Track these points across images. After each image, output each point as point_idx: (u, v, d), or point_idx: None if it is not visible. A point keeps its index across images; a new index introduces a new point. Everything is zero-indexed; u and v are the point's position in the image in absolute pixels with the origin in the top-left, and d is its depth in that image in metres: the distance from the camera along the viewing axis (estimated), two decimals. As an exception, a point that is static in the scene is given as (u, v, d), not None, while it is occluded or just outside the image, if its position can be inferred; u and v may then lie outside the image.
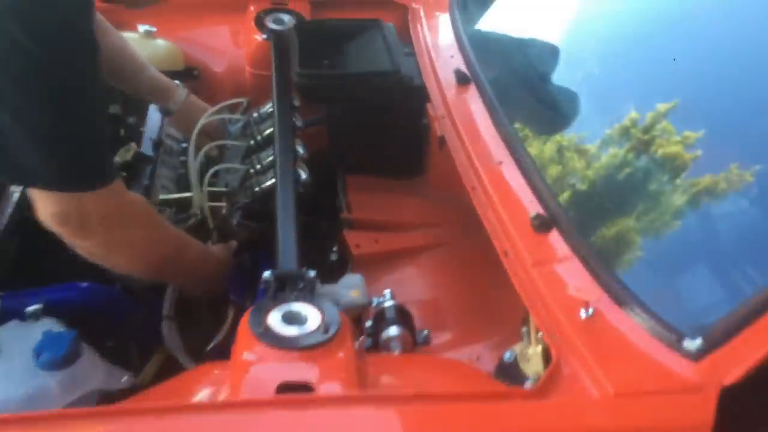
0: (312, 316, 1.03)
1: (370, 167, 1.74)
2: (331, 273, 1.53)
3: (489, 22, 1.87)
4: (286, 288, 1.10)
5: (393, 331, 1.23)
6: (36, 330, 1.05)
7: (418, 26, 1.84)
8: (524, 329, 1.12)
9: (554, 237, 1.13)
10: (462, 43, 1.66)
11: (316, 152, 1.73)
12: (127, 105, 1.88)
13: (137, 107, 1.89)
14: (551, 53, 1.64)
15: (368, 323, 1.26)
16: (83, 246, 1.06)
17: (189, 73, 1.89)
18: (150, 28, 1.84)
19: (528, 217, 1.15)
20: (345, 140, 1.69)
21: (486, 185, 1.26)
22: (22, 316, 1.09)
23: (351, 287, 1.35)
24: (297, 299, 1.06)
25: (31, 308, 1.08)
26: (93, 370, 1.02)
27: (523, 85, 1.57)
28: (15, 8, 0.87)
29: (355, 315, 1.34)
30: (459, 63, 1.59)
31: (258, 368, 0.95)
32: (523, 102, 1.52)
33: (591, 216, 1.20)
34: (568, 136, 1.41)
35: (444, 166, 1.65)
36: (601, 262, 1.05)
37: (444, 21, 1.82)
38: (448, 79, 1.55)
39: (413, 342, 1.25)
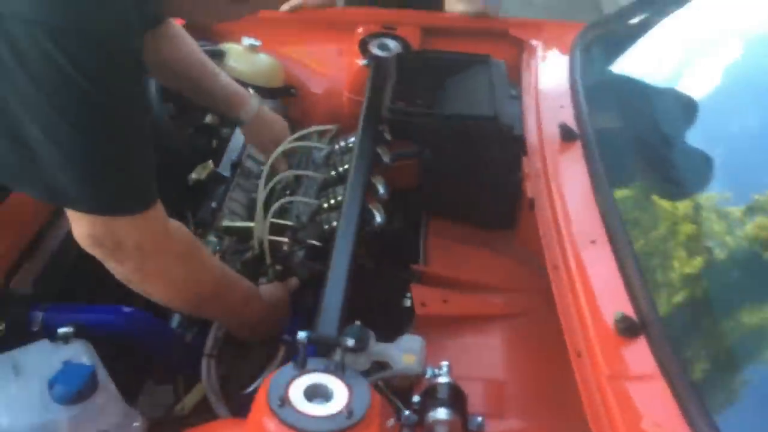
0: (338, 393, 0.92)
1: (457, 214, 1.60)
2: (400, 321, 1.42)
3: (615, 69, 1.69)
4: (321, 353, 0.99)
5: (441, 414, 1.09)
6: (61, 354, 1.01)
7: (531, 66, 1.68)
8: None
9: (640, 346, 0.95)
10: (576, 91, 1.49)
11: (405, 188, 1.63)
12: (223, 117, 1.86)
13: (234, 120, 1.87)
14: (686, 107, 1.43)
15: (416, 398, 1.13)
16: (119, 271, 1.00)
17: (286, 91, 1.84)
18: (255, 42, 1.80)
19: (612, 315, 0.98)
20: (433, 183, 1.57)
21: (570, 267, 1.09)
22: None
23: (407, 351, 1.22)
24: (327, 370, 0.95)
25: (63, 330, 1.04)
26: (107, 409, 0.96)
27: (642, 148, 1.38)
28: (50, 23, 0.81)
29: (406, 384, 1.22)
30: (568, 115, 1.43)
31: (265, 450, 0.85)
32: (637, 169, 1.33)
33: (692, 325, 1.00)
34: (684, 208, 1.21)
35: (533, 223, 1.49)
36: (697, 393, 0.86)
37: (561, 63, 1.65)
38: (552, 132, 1.39)
39: (463, 429, 1.11)
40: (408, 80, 1.59)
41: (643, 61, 1.60)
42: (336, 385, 0.92)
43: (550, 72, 1.62)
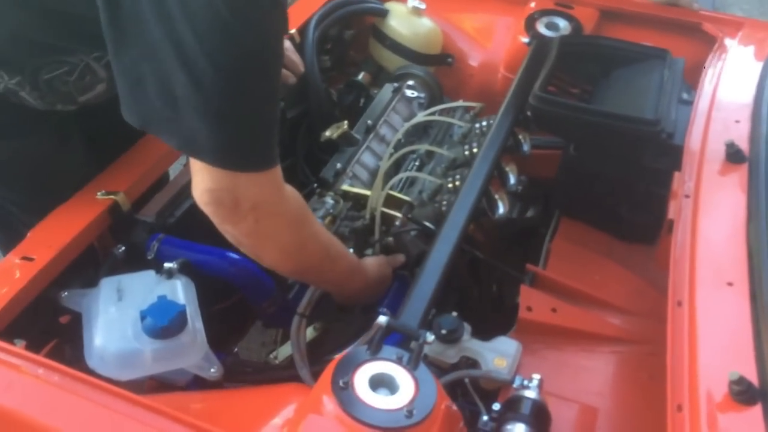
0: (404, 388, 0.88)
1: (593, 218, 1.48)
2: (508, 319, 1.35)
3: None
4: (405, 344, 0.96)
5: (519, 429, 1.02)
6: (162, 288, 1.06)
7: (716, 68, 1.48)
8: None
9: (754, 416, 0.81)
10: (759, 106, 1.29)
11: (544, 179, 1.52)
12: (376, 77, 1.84)
13: (386, 80, 1.85)
14: None
15: (496, 405, 1.07)
16: (233, 233, 1.02)
17: (442, 59, 1.78)
18: (419, 5, 1.75)
19: (728, 374, 0.84)
20: (572, 181, 1.45)
21: (696, 307, 0.95)
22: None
23: (500, 353, 1.16)
24: (399, 361, 0.91)
25: (168, 265, 1.09)
26: (189, 350, 1.00)
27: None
28: None
29: (491, 387, 1.16)
30: (742, 133, 1.24)
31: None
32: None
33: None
34: None
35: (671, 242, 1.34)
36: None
37: (753, 69, 1.44)
38: (717, 149, 1.22)
39: (539, 451, 1.03)
40: (568, 66, 1.47)
41: None
42: (404, 379, 0.88)
43: (737, 78, 1.42)
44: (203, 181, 0.96)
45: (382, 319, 0.97)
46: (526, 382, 1.09)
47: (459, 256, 1.10)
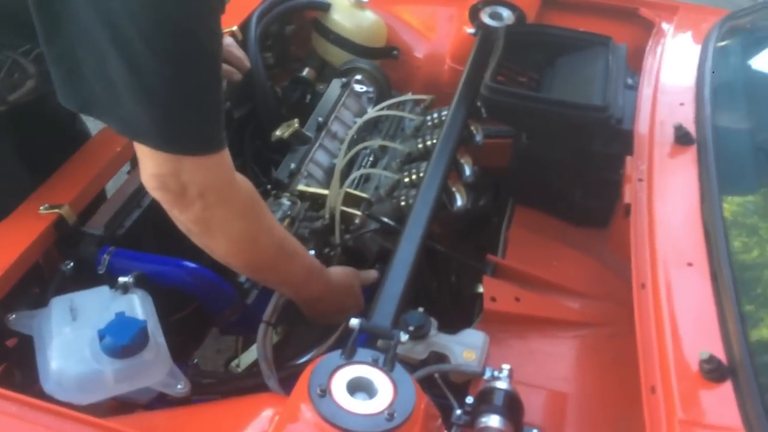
0: (383, 391, 0.86)
1: (546, 205, 1.49)
2: (472, 305, 1.35)
3: (751, 69, 1.50)
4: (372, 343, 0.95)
5: (494, 421, 1.02)
6: (118, 304, 1.01)
7: (657, 52, 1.52)
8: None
9: (725, 393, 0.84)
10: (701, 89, 1.33)
11: (495, 168, 1.53)
12: (321, 72, 1.81)
13: (331, 75, 1.82)
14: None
15: (469, 399, 1.07)
16: (181, 220, 0.98)
17: (387, 52, 1.77)
18: (362, -2, 1.73)
19: (698, 352, 0.87)
20: (524, 169, 1.46)
21: (659, 289, 0.97)
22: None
23: (468, 346, 1.16)
24: (375, 363, 0.90)
25: (123, 279, 1.04)
26: (153, 367, 0.96)
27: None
28: None
29: (462, 380, 1.16)
30: (688, 115, 1.28)
31: (297, 439, 0.82)
32: (755, 185, 1.18)
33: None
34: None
35: (625, 226, 1.37)
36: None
37: (692, 54, 1.48)
38: (665, 132, 1.25)
39: (513, 440, 1.04)
40: (515, 56, 1.48)
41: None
42: (381, 382, 0.87)
43: (677, 62, 1.46)
44: (148, 166, 0.93)
45: (355, 322, 0.95)
46: (496, 373, 1.09)
47: (424, 253, 1.09)
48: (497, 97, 1.35)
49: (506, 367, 1.10)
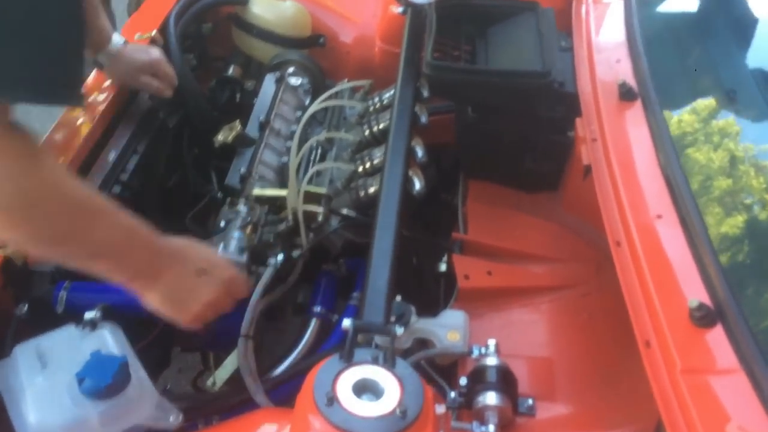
0: (390, 389, 0.84)
1: (498, 176, 1.51)
2: (437, 285, 1.35)
3: (676, 12, 1.54)
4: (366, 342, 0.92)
5: (491, 398, 1.02)
6: (89, 342, 0.94)
7: (582, 12, 1.55)
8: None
9: (718, 336, 0.86)
10: (634, 43, 1.36)
11: (441, 145, 1.52)
12: (247, 69, 1.75)
13: (257, 70, 1.76)
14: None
15: (463, 380, 1.07)
16: None
17: (314, 41, 1.72)
18: (281, -12, 1.68)
19: (686, 302, 0.89)
20: (474, 143, 1.46)
21: (635, 245, 1.00)
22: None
23: (450, 327, 1.15)
24: (376, 362, 0.88)
25: (89, 315, 0.98)
26: (140, 403, 0.90)
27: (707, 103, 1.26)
28: None
29: (447, 361, 1.15)
30: (626, 71, 1.31)
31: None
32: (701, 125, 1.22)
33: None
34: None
35: (584, 188, 1.40)
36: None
37: (617, 10, 1.51)
38: (609, 90, 1.27)
39: (513, 413, 1.05)
40: (447, 30, 1.46)
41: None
42: (387, 380, 0.85)
43: (604, 20, 1.49)
44: None
45: (348, 323, 0.93)
46: (483, 350, 1.10)
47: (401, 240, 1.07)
48: (440, 74, 1.34)
49: (492, 342, 1.10)
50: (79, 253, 0.87)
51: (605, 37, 1.42)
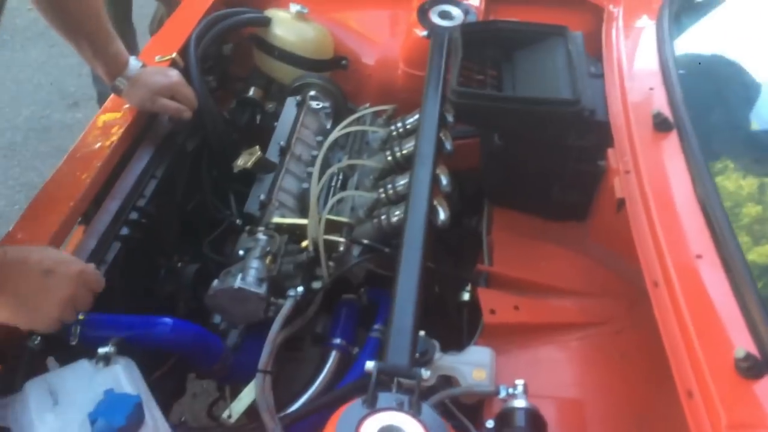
0: (415, 438, 0.80)
1: (524, 204, 1.46)
2: (459, 314, 1.30)
3: (712, 40, 1.49)
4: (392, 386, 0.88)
5: (520, 444, 0.98)
6: (103, 378, 0.91)
7: (613, 38, 1.50)
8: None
9: (765, 387, 0.81)
10: (668, 72, 1.32)
11: (464, 170, 1.48)
12: (267, 90, 1.72)
13: (278, 92, 1.73)
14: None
15: (490, 423, 1.02)
16: None
17: (336, 63, 1.69)
18: (302, 9, 1.65)
19: (731, 351, 0.84)
20: (499, 171, 1.42)
21: (674, 287, 0.95)
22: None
23: (476, 365, 1.10)
24: (401, 408, 0.83)
25: (103, 350, 0.94)
26: (153, 444, 0.86)
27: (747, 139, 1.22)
28: None
29: (475, 400, 1.11)
30: (660, 100, 1.26)
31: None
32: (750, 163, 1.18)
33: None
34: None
35: (615, 220, 1.35)
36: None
37: (649, 34, 1.47)
38: (642, 119, 1.23)
39: (543, 460, 1.00)
40: (472, 54, 1.43)
41: (742, 29, 1.42)
42: (413, 428, 0.81)
43: (636, 45, 1.44)
44: None
45: (371, 365, 0.88)
46: (511, 391, 1.05)
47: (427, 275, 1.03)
48: (467, 101, 1.31)
49: (520, 382, 1.05)
50: None
51: (637, 65, 1.38)
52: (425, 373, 0.90)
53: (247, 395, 1.24)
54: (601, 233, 1.38)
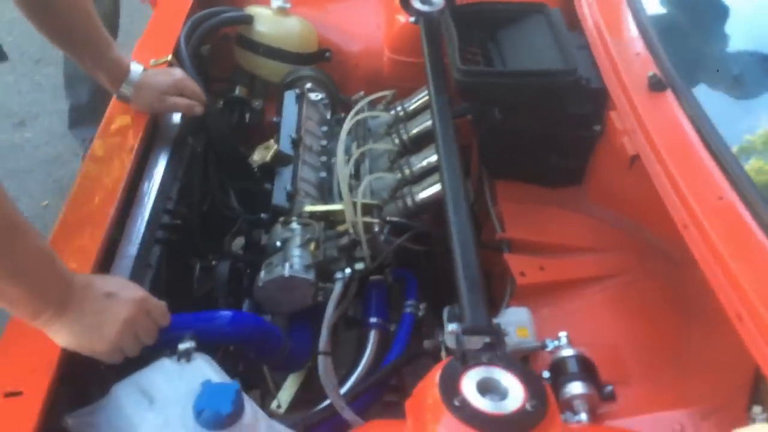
0: (513, 387, 0.85)
1: (523, 174, 1.54)
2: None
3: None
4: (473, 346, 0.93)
5: (577, 388, 1.06)
6: (191, 374, 0.91)
7: (586, 10, 1.60)
8: (757, 409, 0.93)
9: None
10: (648, 35, 1.42)
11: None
12: (253, 87, 1.73)
13: (263, 89, 1.75)
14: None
15: (545, 373, 1.09)
16: None
17: (320, 56, 1.72)
18: (283, 4, 1.67)
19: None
20: (499, 144, 1.49)
21: (704, 227, 1.04)
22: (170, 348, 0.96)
23: (517, 324, 1.17)
24: (491, 362, 0.89)
25: (184, 346, 0.95)
26: (256, 429, 0.88)
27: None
28: None
29: (519, 357, 1.17)
30: (647, 62, 1.36)
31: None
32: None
33: None
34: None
35: (607, 177, 1.45)
36: None
37: (618, 3, 1.57)
38: (635, 82, 1.32)
39: (599, 400, 1.08)
40: (464, 36, 1.49)
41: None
42: (508, 380, 0.86)
43: (610, 13, 1.54)
44: None
45: (453, 326, 0.94)
46: (555, 343, 1.13)
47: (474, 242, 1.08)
48: (472, 79, 1.37)
49: (563, 334, 1.13)
50: (1, 272, 0.82)
51: (611, 34, 1.47)
52: (510, 327, 0.95)
53: (291, 384, 1.27)
54: (598, 194, 1.48)
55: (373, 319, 1.27)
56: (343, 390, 1.16)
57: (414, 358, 1.20)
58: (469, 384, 0.85)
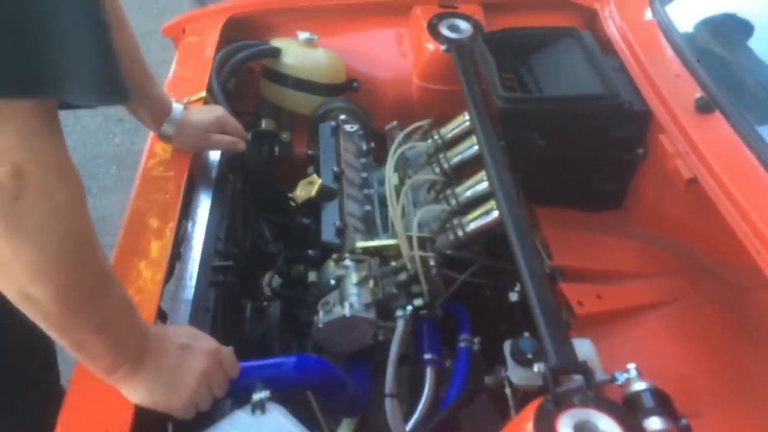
0: (608, 428, 0.82)
1: (562, 199, 1.52)
2: (510, 316, 1.33)
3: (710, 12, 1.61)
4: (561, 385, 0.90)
5: (656, 423, 1.01)
6: (269, 426, 0.87)
7: (615, 33, 1.60)
8: None
9: None
10: (685, 56, 1.42)
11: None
12: (279, 120, 1.71)
13: (289, 121, 1.72)
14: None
15: (617, 408, 1.06)
16: None
17: (348, 86, 1.70)
18: (311, 36, 1.65)
19: None
20: (540, 169, 1.47)
21: (779, 250, 1.02)
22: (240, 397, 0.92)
23: (583, 357, 1.14)
24: (584, 403, 0.86)
25: (258, 396, 0.90)
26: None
27: None
28: None
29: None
30: (690, 84, 1.35)
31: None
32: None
33: None
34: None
35: (654, 200, 1.43)
36: None
37: (648, 25, 1.57)
38: (681, 105, 1.31)
39: (675, 433, 1.04)
40: (498, 63, 1.48)
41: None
42: (602, 420, 0.83)
43: (641, 36, 1.53)
44: None
45: (541, 366, 0.90)
46: (626, 375, 1.09)
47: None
48: (515, 105, 1.35)
49: (632, 366, 1.10)
50: (88, 323, 0.77)
51: (651, 55, 1.47)
52: (594, 365, 0.92)
53: (345, 426, 1.23)
54: (643, 217, 1.46)
55: (427, 356, 1.23)
56: (408, 428, 1.13)
57: (476, 395, 1.17)
58: (566, 428, 0.82)
